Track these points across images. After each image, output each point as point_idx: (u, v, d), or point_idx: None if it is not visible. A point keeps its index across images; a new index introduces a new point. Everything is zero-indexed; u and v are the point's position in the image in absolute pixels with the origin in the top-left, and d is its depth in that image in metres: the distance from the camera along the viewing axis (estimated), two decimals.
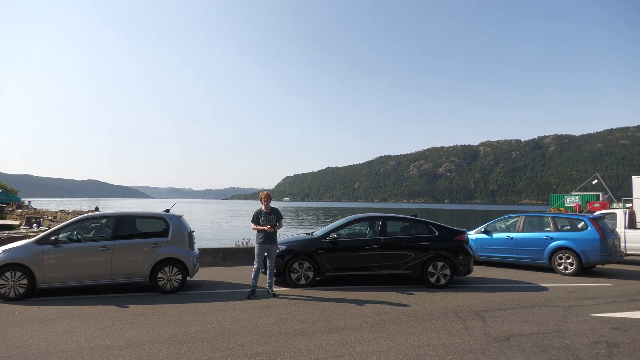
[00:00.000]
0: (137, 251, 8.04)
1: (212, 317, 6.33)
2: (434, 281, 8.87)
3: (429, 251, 8.91)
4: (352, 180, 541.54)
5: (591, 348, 5.01)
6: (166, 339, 5.28)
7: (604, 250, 10.45)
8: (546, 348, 4.99)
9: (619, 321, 6.24)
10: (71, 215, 41.97)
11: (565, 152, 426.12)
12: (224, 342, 5.13)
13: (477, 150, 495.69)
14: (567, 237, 10.83)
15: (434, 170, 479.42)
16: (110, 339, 5.28)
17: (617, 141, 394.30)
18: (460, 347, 5.02)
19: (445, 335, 5.49)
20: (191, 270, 8.28)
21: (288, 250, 8.82)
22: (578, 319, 6.33)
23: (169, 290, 8.06)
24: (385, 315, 6.51)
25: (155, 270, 8.03)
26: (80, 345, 5.02)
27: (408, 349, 4.91)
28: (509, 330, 5.73)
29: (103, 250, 7.83)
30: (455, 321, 6.18)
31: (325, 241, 8.92)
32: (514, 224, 12.09)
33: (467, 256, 9.05)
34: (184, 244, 8.37)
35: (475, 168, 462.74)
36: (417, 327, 5.87)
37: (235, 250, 12.31)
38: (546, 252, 11.01)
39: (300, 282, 8.73)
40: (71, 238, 7.95)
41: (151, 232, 8.41)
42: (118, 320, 6.13)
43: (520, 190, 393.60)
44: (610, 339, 5.38)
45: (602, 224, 11.02)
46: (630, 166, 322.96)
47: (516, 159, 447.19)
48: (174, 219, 8.56)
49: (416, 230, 9.33)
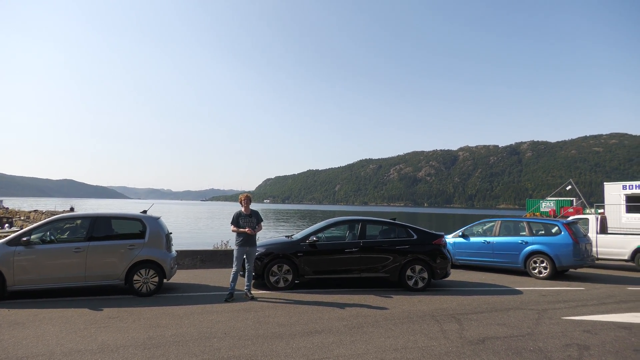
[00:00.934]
0: (112, 253, 7.88)
1: (189, 321, 6.24)
2: (412, 284, 8.95)
3: (407, 255, 8.99)
4: (333, 183, 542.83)
5: (563, 350, 5.12)
6: (141, 342, 5.18)
7: (577, 254, 10.72)
8: (519, 351, 5.09)
9: (590, 324, 6.40)
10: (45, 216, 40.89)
11: (541, 158, 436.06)
12: (200, 346, 5.07)
13: (457, 155, 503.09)
14: (542, 242, 11.08)
15: (414, 174, 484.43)
16: (83, 343, 5.16)
17: (590, 148, 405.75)
18: (437, 350, 5.07)
19: (422, 338, 5.54)
20: (168, 273, 8.16)
21: (267, 253, 8.78)
22: (551, 322, 6.47)
23: (145, 293, 7.92)
24: (364, 318, 6.54)
25: (131, 272, 7.88)
26: (51, 350, 4.89)
27: (385, 352, 4.94)
28: (484, 333, 5.82)
29: (77, 252, 7.65)
30: (432, 324, 6.24)
31: (304, 244, 8.91)
32: (491, 228, 12.31)
33: (445, 260, 9.17)
34: (161, 245, 8.24)
35: (454, 173, 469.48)
36: (395, 330, 5.91)
37: (214, 253, 12.19)
38: (521, 256, 11.23)
39: (279, 285, 8.69)
40: (44, 239, 7.74)
41: (127, 234, 8.26)
42: (91, 324, 5.99)
43: (497, 195, 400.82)
44: (581, 341, 5.51)
45: (575, 229, 11.31)
46: (602, 173, 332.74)
47: (494, 164, 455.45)
48: (151, 220, 8.43)
49: (395, 234, 9.40)
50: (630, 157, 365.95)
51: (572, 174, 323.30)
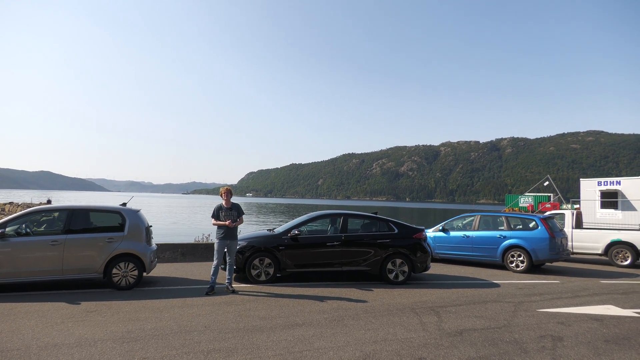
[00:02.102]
0: (90, 246, 7.75)
1: (169, 314, 6.20)
2: (393, 278, 9.05)
3: (388, 248, 9.08)
4: (316, 177, 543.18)
5: (537, 342, 5.26)
6: (119, 336, 5.13)
7: (553, 249, 10.98)
8: (496, 342, 5.20)
9: (564, 316, 6.58)
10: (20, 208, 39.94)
11: (520, 154, 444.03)
12: (180, 339, 5.04)
13: (438, 151, 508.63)
14: (519, 236, 11.31)
15: (396, 169, 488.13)
16: (60, 337, 5.08)
17: (568, 145, 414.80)
18: (416, 341, 5.15)
19: (401, 330, 5.62)
20: (148, 266, 8.08)
21: (249, 246, 8.76)
22: (527, 314, 6.63)
23: (124, 286, 7.83)
24: (344, 311, 6.59)
25: (110, 265, 7.77)
26: (26, 344, 4.79)
27: (365, 344, 5.00)
28: (462, 325, 5.93)
29: (54, 245, 7.50)
30: (412, 317, 6.33)
31: (286, 237, 8.91)
32: (470, 222, 12.50)
33: (425, 254, 9.29)
34: (140, 239, 8.15)
35: (436, 168, 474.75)
36: (375, 322, 5.98)
37: (195, 246, 12.09)
38: (499, 250, 11.45)
39: (261, 279, 8.69)
40: (19, 232, 7.57)
41: (106, 227, 8.13)
42: (68, 318, 5.90)
43: (478, 190, 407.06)
44: (555, 333, 5.66)
45: (552, 223, 11.57)
46: (579, 169, 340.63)
47: (475, 159, 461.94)
48: (130, 213, 8.32)
49: (376, 228, 9.48)
50: (605, 154, 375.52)
51: (550, 170, 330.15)
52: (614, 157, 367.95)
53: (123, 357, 4.43)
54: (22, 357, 4.41)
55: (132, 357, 4.45)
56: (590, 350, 5.01)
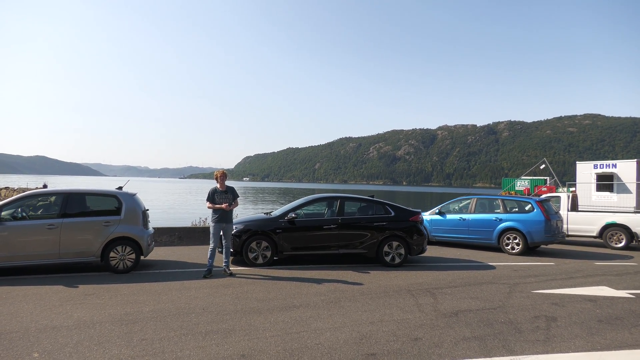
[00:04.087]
0: (87, 230, 7.75)
1: (167, 297, 6.23)
2: (389, 260, 9.11)
3: (384, 231, 9.12)
4: (313, 161, 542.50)
5: (532, 322, 5.32)
6: (118, 318, 5.16)
7: (548, 231, 11.06)
8: (491, 322, 5.26)
9: (558, 297, 6.66)
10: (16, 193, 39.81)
11: (517, 137, 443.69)
12: (178, 321, 5.08)
13: (435, 134, 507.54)
14: (515, 219, 11.38)
15: (393, 153, 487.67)
16: (58, 319, 5.11)
17: (565, 129, 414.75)
18: (412, 322, 5.21)
19: (397, 311, 5.68)
20: (145, 250, 8.09)
21: (246, 229, 8.78)
22: (521, 296, 6.70)
23: (122, 270, 7.86)
24: (341, 293, 6.64)
25: (107, 249, 7.79)
26: (25, 327, 4.82)
27: (361, 325, 5.05)
28: (458, 306, 6.00)
29: (50, 229, 7.49)
30: (408, 298, 6.39)
31: (283, 221, 8.93)
32: (467, 205, 12.55)
33: (421, 236, 9.34)
34: (137, 222, 8.15)
35: (432, 151, 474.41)
36: (371, 304, 6.03)
37: (192, 230, 12.12)
38: (495, 232, 11.53)
39: (258, 262, 8.73)
40: (15, 216, 7.55)
41: (103, 210, 8.13)
42: (67, 301, 5.92)
43: (474, 173, 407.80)
44: (550, 313, 5.74)
45: (547, 206, 11.63)
46: (576, 153, 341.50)
47: (472, 143, 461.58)
48: (127, 196, 8.30)
49: (373, 211, 9.50)
50: (602, 137, 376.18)
51: (547, 153, 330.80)
52: (610, 141, 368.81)
53: (122, 339, 4.46)
54: (21, 339, 4.43)
55: (131, 338, 4.48)
56: (584, 330, 5.08)
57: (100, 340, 4.42)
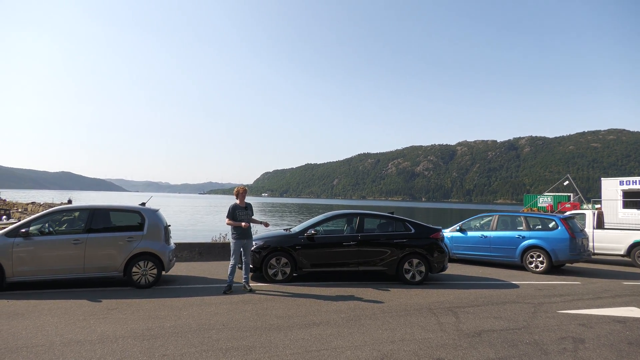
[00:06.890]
0: (111, 245, 7.89)
1: (187, 312, 6.28)
2: (410, 278, 9.00)
3: (404, 248, 9.03)
4: (331, 177, 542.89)
5: (558, 343, 5.17)
6: (140, 333, 5.22)
7: (573, 249, 10.78)
8: (515, 343, 5.14)
9: (585, 318, 6.46)
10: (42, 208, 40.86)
11: (539, 153, 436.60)
12: (198, 337, 5.11)
13: (455, 150, 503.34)
14: (539, 237, 11.14)
15: (412, 169, 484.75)
16: (82, 333, 5.19)
17: (588, 144, 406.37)
18: (434, 342, 5.12)
19: (419, 330, 5.59)
20: (167, 265, 8.19)
21: (265, 246, 8.81)
22: (547, 316, 6.53)
23: (144, 285, 7.95)
24: (361, 311, 6.58)
25: (130, 264, 7.91)
26: (50, 340, 4.91)
27: (382, 344, 4.99)
28: (481, 326, 5.87)
29: (76, 244, 7.66)
30: (429, 317, 6.29)
31: (302, 237, 8.94)
32: (488, 222, 12.35)
33: (442, 254, 9.21)
34: (159, 238, 8.26)
35: (452, 167, 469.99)
36: (392, 322, 5.96)
37: (212, 246, 12.22)
38: (518, 250, 11.29)
39: (277, 278, 8.73)
40: (42, 231, 7.75)
41: (126, 226, 8.27)
42: (90, 315, 6.02)
43: (495, 190, 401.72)
44: (577, 334, 5.57)
45: (572, 224, 11.36)
46: (600, 168, 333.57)
47: (492, 159, 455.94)
48: (149, 212, 8.44)
49: (393, 228, 9.44)
50: (627, 153, 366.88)
51: (570, 169, 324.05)
52: (636, 156, 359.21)
53: (143, 354, 4.50)
54: (47, 352, 4.52)
55: (153, 354, 4.52)
56: (613, 352, 4.91)
57: (122, 355, 4.47)
